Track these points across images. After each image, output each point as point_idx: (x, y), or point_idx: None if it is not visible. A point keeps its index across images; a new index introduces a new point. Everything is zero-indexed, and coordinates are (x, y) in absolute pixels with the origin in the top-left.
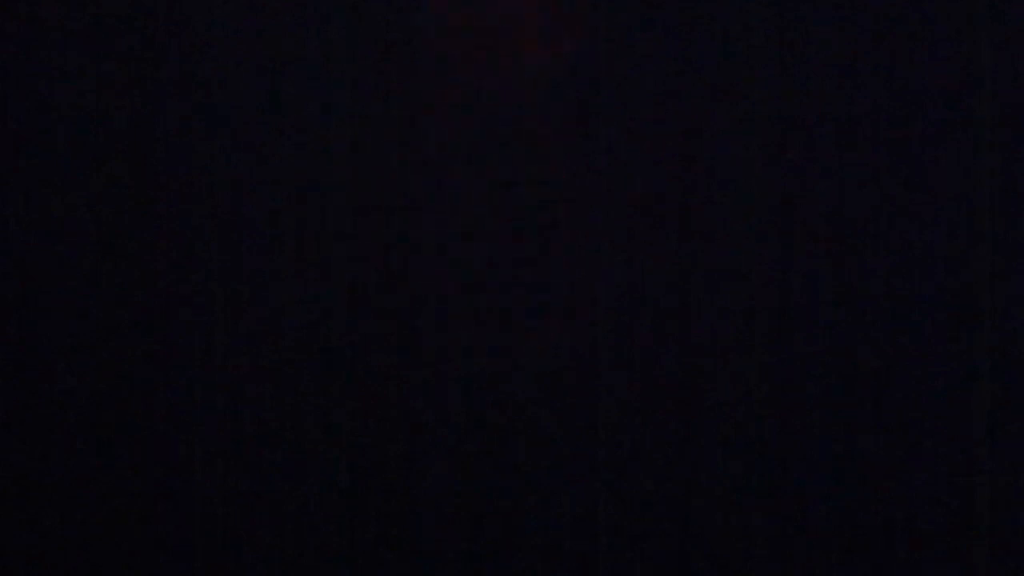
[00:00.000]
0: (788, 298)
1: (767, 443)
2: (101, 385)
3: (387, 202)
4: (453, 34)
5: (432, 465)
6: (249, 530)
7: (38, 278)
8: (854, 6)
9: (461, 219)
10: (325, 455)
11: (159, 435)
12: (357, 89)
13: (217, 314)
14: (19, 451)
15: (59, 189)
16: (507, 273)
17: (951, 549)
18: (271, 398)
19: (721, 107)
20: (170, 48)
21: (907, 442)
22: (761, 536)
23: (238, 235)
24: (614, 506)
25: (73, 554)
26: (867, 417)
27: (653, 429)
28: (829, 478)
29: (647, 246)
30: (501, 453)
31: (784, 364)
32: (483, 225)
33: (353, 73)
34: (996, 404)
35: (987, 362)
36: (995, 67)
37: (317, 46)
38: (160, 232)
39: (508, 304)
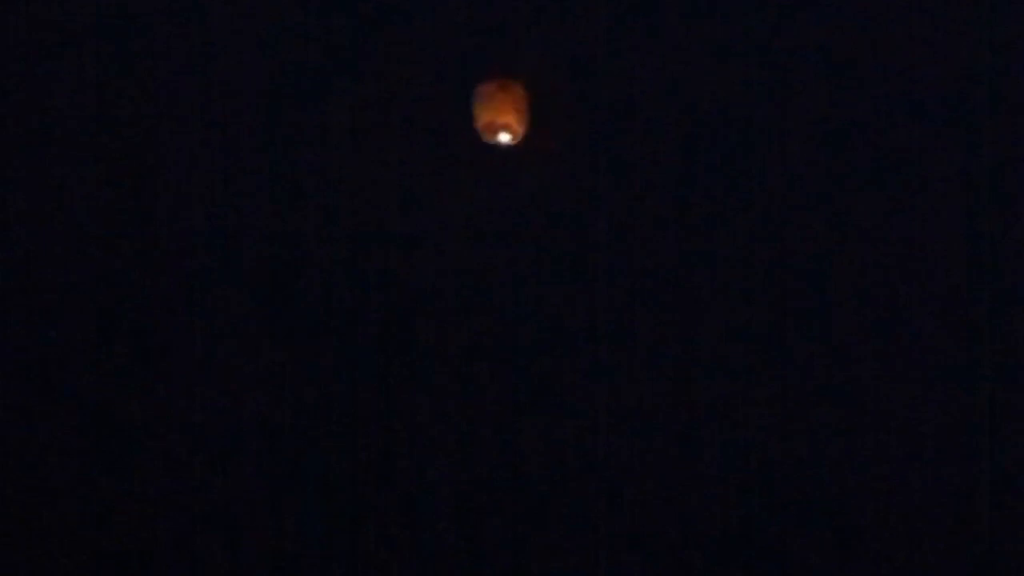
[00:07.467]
0: (788, 298)
1: (767, 443)
2: (101, 385)
3: (387, 201)
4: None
5: (432, 464)
6: (249, 530)
7: (38, 278)
8: (854, 7)
9: (461, 219)
10: (325, 455)
11: (158, 435)
12: (357, 91)
13: (216, 314)
14: (19, 451)
15: (59, 189)
16: (507, 272)
17: (951, 549)
18: (270, 398)
19: (720, 108)
20: (170, 48)
21: (907, 442)
22: (761, 536)
23: (238, 234)
24: (614, 506)
25: (73, 554)
26: (867, 417)
27: (653, 429)
28: (829, 478)
29: (647, 246)
30: (500, 452)
31: (784, 365)
32: (483, 225)
33: (353, 74)
34: (996, 404)
35: (987, 362)
36: (995, 67)
37: (318, 48)
38: (160, 231)
39: (507, 304)
